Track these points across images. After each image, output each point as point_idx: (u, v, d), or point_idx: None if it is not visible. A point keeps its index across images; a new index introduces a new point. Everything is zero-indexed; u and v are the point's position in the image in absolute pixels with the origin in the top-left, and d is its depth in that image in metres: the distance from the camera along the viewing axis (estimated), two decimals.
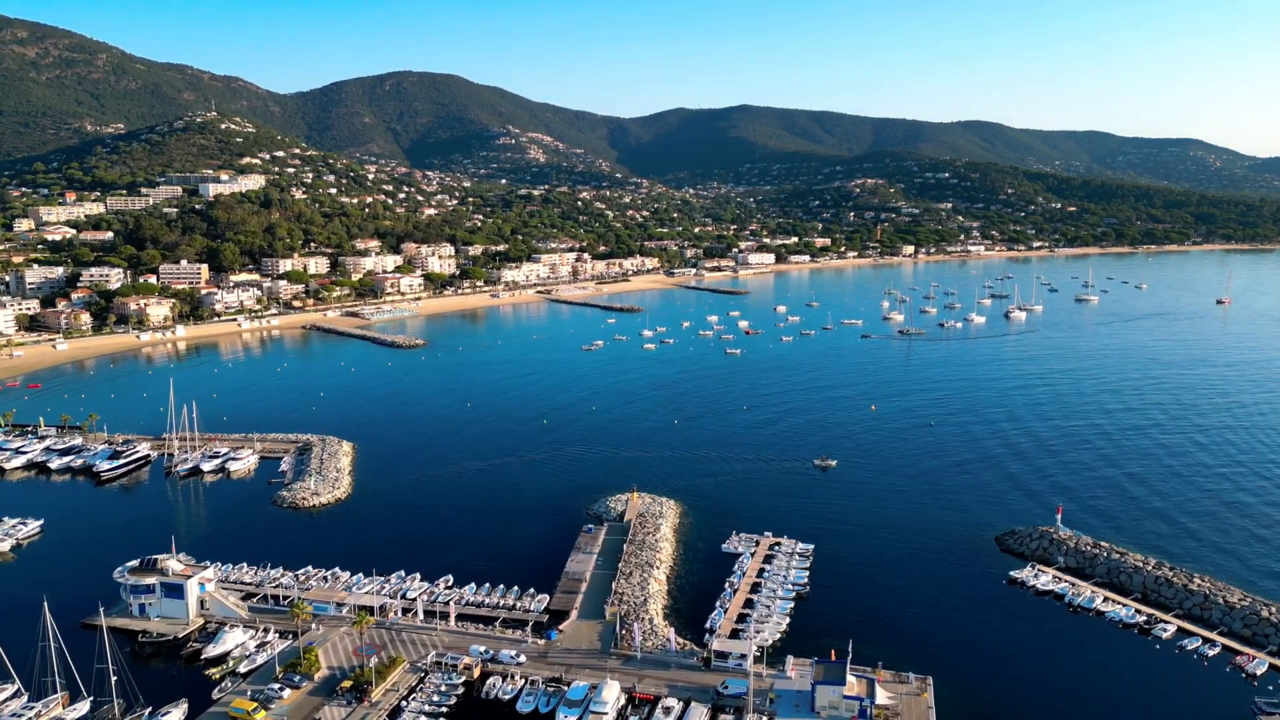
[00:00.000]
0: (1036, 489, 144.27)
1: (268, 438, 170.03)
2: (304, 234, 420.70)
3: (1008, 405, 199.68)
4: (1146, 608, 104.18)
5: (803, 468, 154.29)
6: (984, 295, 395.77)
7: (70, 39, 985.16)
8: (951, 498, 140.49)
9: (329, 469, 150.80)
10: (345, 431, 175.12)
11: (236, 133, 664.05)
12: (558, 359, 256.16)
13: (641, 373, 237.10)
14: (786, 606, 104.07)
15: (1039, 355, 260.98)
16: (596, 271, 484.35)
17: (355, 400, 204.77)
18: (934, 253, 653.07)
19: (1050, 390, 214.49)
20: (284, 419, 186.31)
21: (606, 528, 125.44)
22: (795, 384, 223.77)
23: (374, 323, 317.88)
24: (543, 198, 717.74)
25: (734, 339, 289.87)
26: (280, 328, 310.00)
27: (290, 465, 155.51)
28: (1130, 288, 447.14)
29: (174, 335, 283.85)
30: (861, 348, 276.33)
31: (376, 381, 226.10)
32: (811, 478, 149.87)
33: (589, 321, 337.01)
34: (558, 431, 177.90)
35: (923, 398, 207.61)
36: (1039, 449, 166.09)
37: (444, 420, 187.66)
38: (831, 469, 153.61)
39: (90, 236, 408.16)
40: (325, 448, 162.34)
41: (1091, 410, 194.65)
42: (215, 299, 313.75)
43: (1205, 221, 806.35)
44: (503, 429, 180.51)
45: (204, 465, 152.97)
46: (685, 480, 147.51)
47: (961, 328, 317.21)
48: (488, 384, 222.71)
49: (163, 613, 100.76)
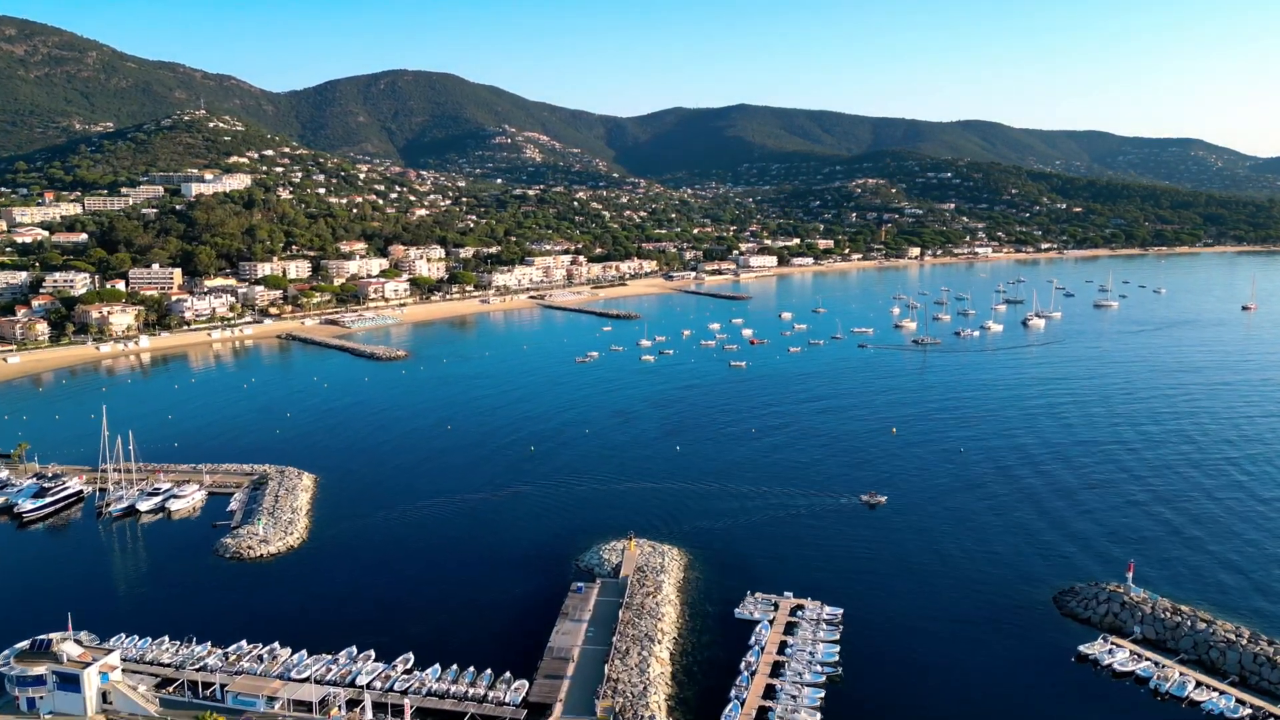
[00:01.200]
0: (1087, 533, 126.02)
1: (220, 469, 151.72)
2: (286, 236, 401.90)
3: (1039, 428, 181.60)
4: (1250, 696, 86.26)
5: (831, 505, 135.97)
6: (998, 301, 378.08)
7: (60, 36, 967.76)
8: (993, 543, 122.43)
9: (284, 508, 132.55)
10: (309, 460, 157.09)
11: (224, 131, 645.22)
12: (549, 373, 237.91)
13: (639, 389, 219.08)
14: (816, 696, 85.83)
15: (1066, 370, 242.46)
16: (592, 275, 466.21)
17: (324, 422, 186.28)
18: (940, 255, 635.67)
19: (1083, 411, 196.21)
20: (243, 445, 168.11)
21: (599, 586, 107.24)
22: (806, 402, 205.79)
23: (355, 331, 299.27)
24: (538, 198, 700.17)
25: (738, 349, 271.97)
26: (254, 337, 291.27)
27: (241, 503, 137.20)
28: (1148, 292, 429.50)
29: (137, 346, 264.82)
30: (875, 360, 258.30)
31: (350, 400, 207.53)
32: (843, 517, 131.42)
33: (583, 329, 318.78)
34: (545, 460, 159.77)
35: (946, 419, 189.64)
36: (1081, 482, 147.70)
37: (420, 446, 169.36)
38: (881, 506, 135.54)
39: (63, 239, 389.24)
40: (283, 481, 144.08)
41: (1131, 435, 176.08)
42: (185, 306, 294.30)
43: (1214, 222, 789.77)
44: (484, 456, 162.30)
45: (141, 504, 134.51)
46: (689, 521, 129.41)
47: (978, 337, 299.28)
48: (471, 402, 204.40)
49: (55, 708, 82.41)
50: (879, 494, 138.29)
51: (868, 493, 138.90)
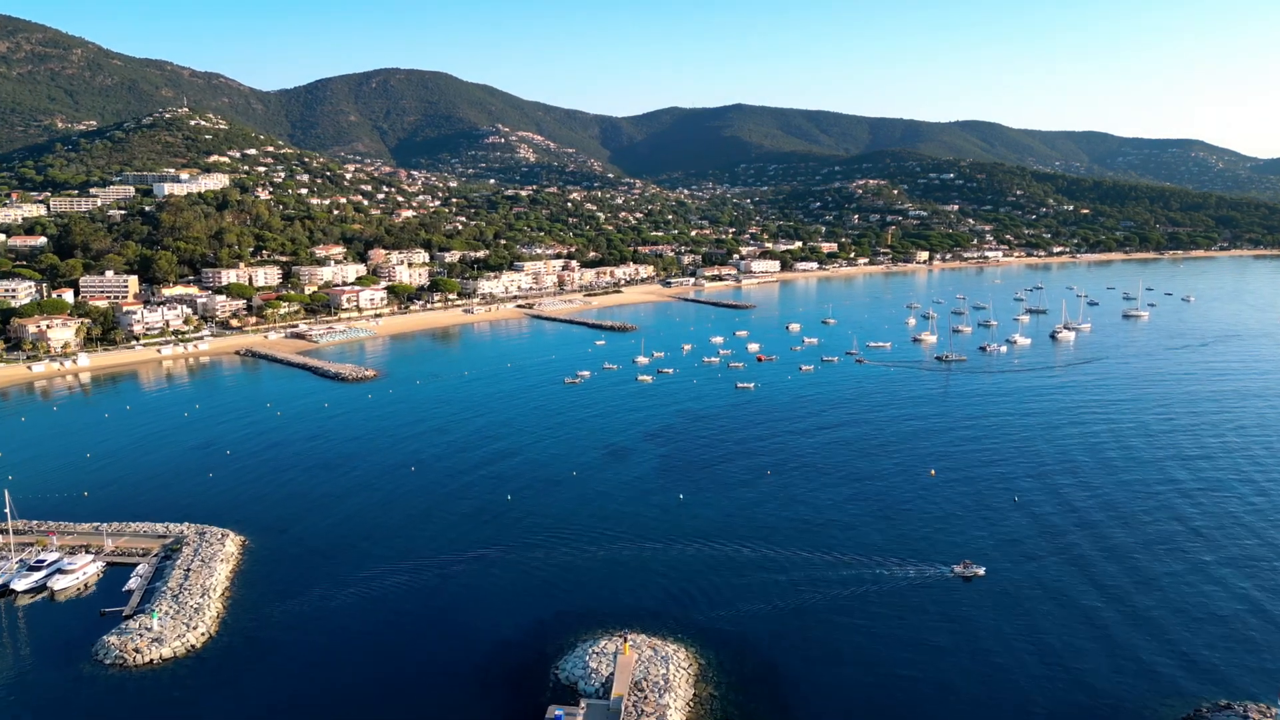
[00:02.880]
0: (1217, 629, 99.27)
1: (128, 529, 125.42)
2: (256, 240, 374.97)
3: (1100, 476, 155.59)
4: None
5: (891, 577, 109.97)
6: (1020, 311, 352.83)
7: (44, 33, 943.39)
8: (1088, 634, 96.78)
9: (193, 587, 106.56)
10: (240, 514, 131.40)
11: (206, 130, 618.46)
12: (533, 397, 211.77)
13: (635, 416, 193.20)
14: None
15: (1115, 396, 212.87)
16: (585, 281, 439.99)
17: (268, 462, 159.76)
18: (950, 259, 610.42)
19: (1159, 448, 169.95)
20: (166, 493, 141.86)
21: (584, 711, 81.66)
22: (825, 430, 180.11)
23: (323, 346, 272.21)
24: (530, 198, 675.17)
25: (744, 367, 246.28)
26: (210, 353, 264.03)
27: (144, 579, 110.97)
28: (1176, 300, 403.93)
29: (75, 365, 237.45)
30: (896, 381, 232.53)
31: (304, 431, 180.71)
32: (915, 596, 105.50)
33: (575, 343, 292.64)
34: (523, 514, 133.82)
35: (989, 455, 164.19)
36: (1198, 553, 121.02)
37: (376, 493, 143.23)
38: (979, 579, 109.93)
39: (20, 242, 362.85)
40: (201, 547, 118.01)
41: (1247, 490, 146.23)
42: (134, 319, 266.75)
43: (1226, 225, 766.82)
44: (451, 508, 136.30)
45: (18, 581, 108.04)
46: (701, 606, 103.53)
47: (1006, 353, 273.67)
48: (442, 434, 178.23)
49: None
50: (975, 564, 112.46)
51: (961, 562, 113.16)
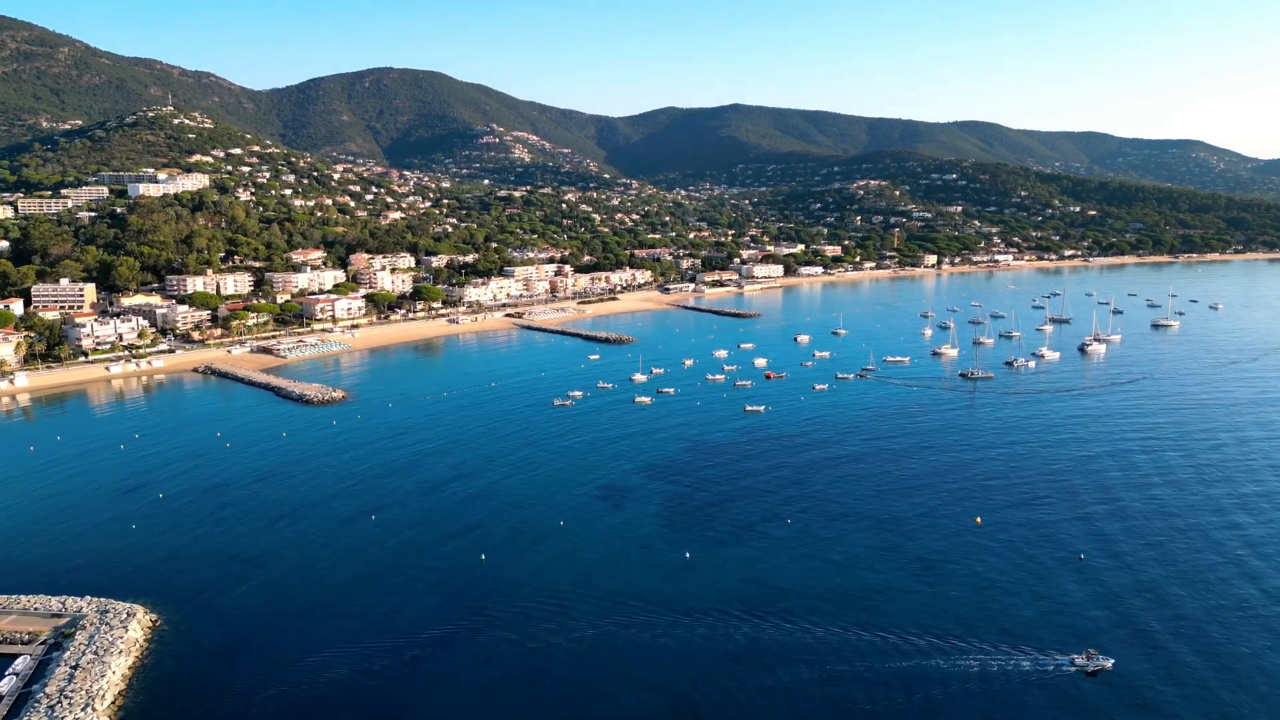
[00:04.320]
0: None
1: (17, 605, 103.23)
2: (229, 244, 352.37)
3: (1208, 532, 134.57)
4: None
5: (959, 671, 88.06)
6: (1042, 321, 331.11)
7: (30, 31, 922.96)
8: None
9: (78, 691, 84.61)
10: (159, 582, 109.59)
11: (190, 128, 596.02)
12: (519, 423, 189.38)
13: (632, 446, 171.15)
14: None
15: (1170, 419, 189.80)
16: (579, 288, 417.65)
17: (204, 510, 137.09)
18: (958, 263, 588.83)
19: (1240, 501, 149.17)
20: (74, 555, 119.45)
21: None
22: (846, 463, 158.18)
23: (291, 362, 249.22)
24: (524, 199, 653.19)
25: (752, 386, 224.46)
26: (166, 370, 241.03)
27: (20, 679, 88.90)
28: (1204, 307, 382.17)
29: (11, 386, 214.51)
30: (921, 403, 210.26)
31: (253, 470, 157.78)
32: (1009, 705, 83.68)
33: (567, 357, 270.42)
34: (497, 578, 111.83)
35: (1038, 492, 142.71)
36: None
37: (326, 553, 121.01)
38: (1106, 673, 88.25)
39: None
40: (99, 632, 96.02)
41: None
42: (83, 333, 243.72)
43: (1237, 227, 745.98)
44: (413, 572, 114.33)
45: None
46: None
47: (1034, 368, 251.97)
48: (412, 473, 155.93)
49: None
50: (1101, 655, 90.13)
51: (1084, 652, 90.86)
